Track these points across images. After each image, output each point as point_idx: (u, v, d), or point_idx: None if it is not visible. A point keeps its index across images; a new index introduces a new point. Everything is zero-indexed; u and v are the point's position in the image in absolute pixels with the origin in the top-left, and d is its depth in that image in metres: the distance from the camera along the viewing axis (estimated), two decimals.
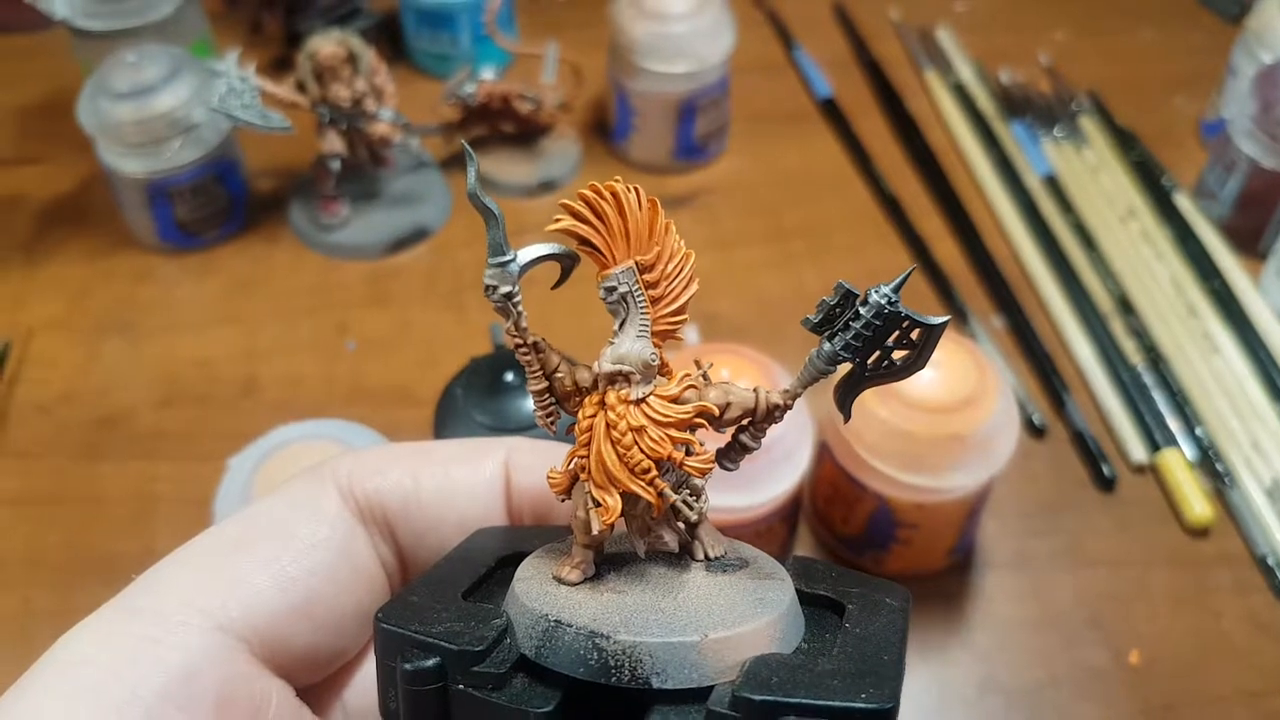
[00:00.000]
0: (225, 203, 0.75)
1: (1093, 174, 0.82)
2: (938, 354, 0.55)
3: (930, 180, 0.80)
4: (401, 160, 0.79)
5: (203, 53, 0.82)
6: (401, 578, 0.29)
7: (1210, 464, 0.65)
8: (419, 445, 0.30)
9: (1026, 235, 0.76)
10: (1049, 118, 0.86)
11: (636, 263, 0.24)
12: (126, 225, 0.77)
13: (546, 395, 0.25)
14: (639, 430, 0.24)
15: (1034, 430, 0.66)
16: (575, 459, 0.25)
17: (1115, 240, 0.77)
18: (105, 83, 0.70)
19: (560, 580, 0.25)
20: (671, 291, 0.24)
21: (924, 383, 0.53)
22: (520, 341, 0.25)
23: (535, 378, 0.25)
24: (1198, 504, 0.62)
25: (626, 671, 0.22)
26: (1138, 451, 0.65)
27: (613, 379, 0.24)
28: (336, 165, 0.73)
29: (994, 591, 0.60)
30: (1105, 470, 0.64)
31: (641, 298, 0.24)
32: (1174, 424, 0.66)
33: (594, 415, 0.24)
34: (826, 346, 0.24)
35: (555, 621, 0.23)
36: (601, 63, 0.81)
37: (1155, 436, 0.65)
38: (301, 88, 0.71)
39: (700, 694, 0.22)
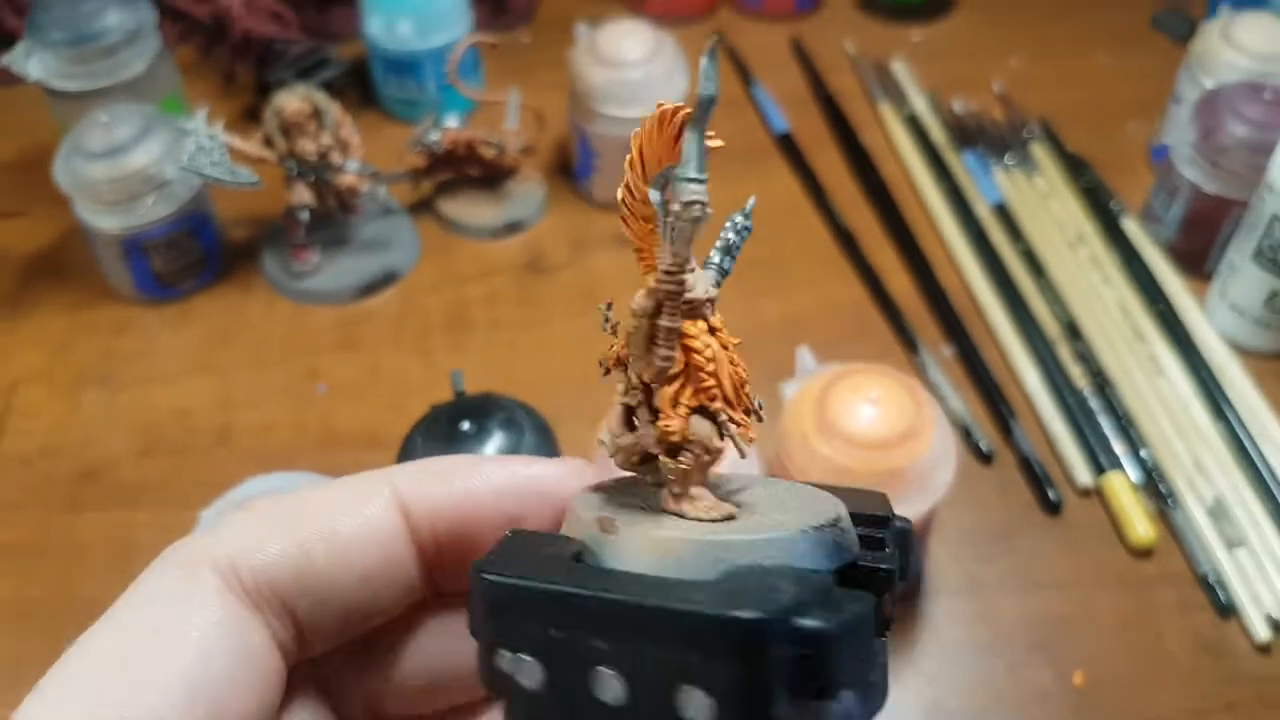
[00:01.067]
0: (199, 254, 0.78)
1: (1043, 201, 0.84)
2: (876, 390, 0.57)
3: (883, 212, 0.83)
4: (370, 206, 0.81)
5: (175, 107, 0.84)
6: (300, 649, 0.26)
7: (1154, 485, 0.67)
8: (293, 503, 0.27)
9: (976, 265, 0.79)
10: (1000, 146, 0.88)
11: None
12: (105, 278, 0.79)
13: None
14: (736, 349, 0.25)
15: (982, 457, 0.68)
16: (695, 391, 0.24)
17: (1064, 266, 0.79)
18: (79, 143, 0.73)
19: (727, 518, 0.24)
20: None
21: (863, 420, 0.55)
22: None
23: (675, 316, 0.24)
24: (1141, 525, 0.64)
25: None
26: (1083, 475, 0.67)
27: (707, 304, 0.25)
28: (305, 216, 0.76)
29: (942, 617, 0.62)
30: (1051, 495, 0.66)
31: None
32: (1119, 447, 0.69)
33: (707, 342, 0.24)
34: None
35: (834, 519, 0.23)
36: (565, 105, 0.83)
37: (1100, 460, 0.68)
38: (269, 143, 0.74)
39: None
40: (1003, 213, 0.82)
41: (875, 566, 0.23)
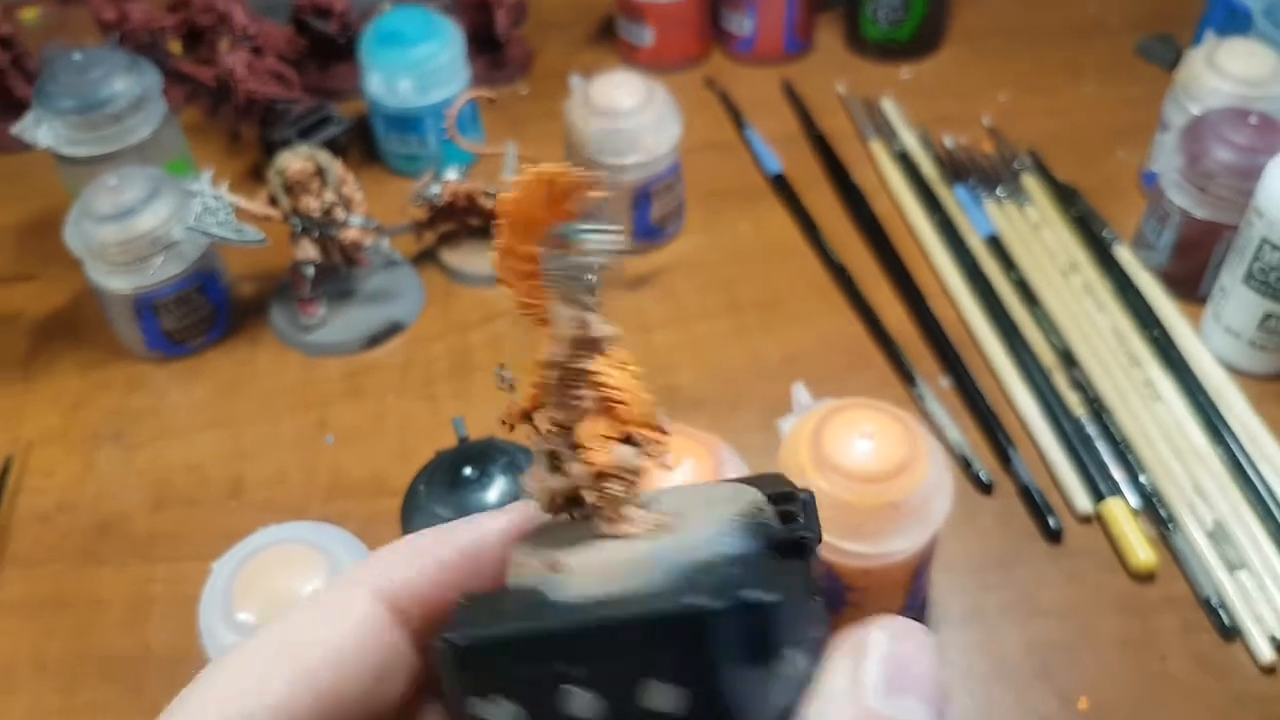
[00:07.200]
0: (209, 311, 0.80)
1: (1035, 231, 0.85)
2: (870, 425, 0.58)
3: (877, 247, 0.84)
4: (374, 259, 0.83)
5: (182, 169, 0.86)
6: None
7: (1154, 510, 0.67)
8: (279, 637, 0.26)
9: (970, 296, 0.80)
10: (991, 179, 0.89)
11: None
12: (116, 337, 0.81)
13: None
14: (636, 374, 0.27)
15: (981, 487, 0.69)
16: (612, 422, 0.26)
17: (1057, 295, 0.80)
18: (89, 207, 0.75)
19: (659, 528, 0.26)
20: None
21: (859, 454, 0.56)
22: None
23: None
24: (1142, 550, 0.65)
25: None
26: (1083, 502, 0.68)
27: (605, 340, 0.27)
28: (311, 271, 0.78)
29: (946, 647, 0.63)
30: (1051, 522, 0.67)
31: None
32: (1117, 473, 0.69)
33: (613, 374, 0.26)
34: None
35: (756, 505, 0.26)
36: (562, 156, 0.85)
37: (1100, 486, 0.68)
38: (274, 201, 0.76)
39: None
40: (995, 244, 0.83)
41: (797, 537, 0.25)
